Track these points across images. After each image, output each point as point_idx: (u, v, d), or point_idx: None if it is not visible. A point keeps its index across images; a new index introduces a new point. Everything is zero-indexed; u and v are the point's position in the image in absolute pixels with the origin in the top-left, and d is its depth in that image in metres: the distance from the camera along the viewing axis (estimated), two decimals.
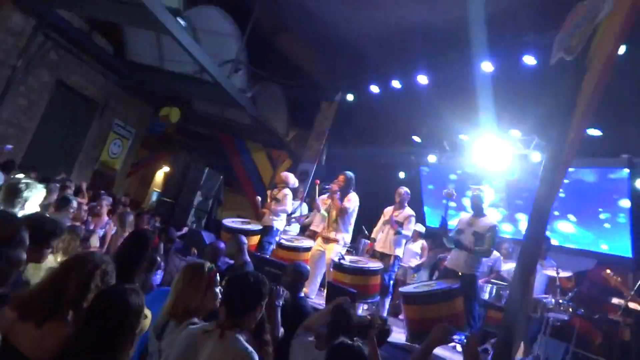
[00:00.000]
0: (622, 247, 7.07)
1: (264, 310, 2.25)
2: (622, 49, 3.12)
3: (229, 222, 6.92)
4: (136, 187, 15.42)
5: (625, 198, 6.89)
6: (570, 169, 7.53)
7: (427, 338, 2.49)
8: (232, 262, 4.96)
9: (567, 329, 6.00)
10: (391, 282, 5.94)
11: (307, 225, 7.48)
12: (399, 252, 6.00)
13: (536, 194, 2.88)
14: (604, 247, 7.40)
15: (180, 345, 2.06)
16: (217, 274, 2.44)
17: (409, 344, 4.71)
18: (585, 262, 7.26)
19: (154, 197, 15.68)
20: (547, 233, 7.11)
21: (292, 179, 7.31)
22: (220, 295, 2.35)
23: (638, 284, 5.50)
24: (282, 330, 3.06)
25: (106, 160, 11.37)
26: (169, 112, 10.58)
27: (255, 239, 6.59)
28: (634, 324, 6.00)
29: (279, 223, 6.79)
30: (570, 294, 5.98)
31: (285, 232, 7.42)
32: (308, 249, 6.51)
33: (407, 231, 5.99)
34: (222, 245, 5.00)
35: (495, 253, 6.32)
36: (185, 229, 8.37)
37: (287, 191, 6.96)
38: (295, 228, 7.82)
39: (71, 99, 10.04)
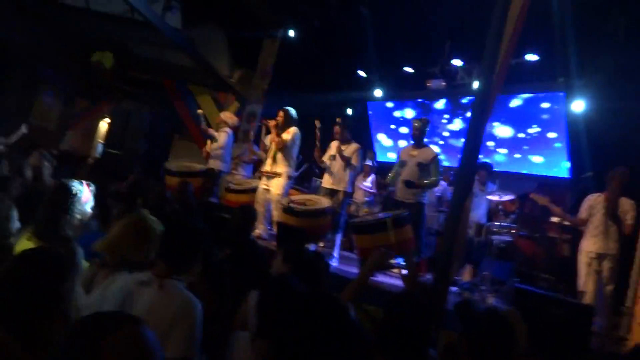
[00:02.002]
0: (560, 168, 7.40)
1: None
2: None
3: (172, 166, 6.77)
4: (80, 140, 14.73)
5: (556, 117, 7.14)
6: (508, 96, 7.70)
7: (366, 263, 2.51)
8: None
9: (511, 249, 6.34)
10: (343, 218, 6.00)
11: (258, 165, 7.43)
12: (348, 187, 6.03)
13: (470, 121, 2.90)
14: (541, 170, 7.72)
15: (115, 298, 1.96)
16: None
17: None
18: (527, 185, 7.57)
19: (99, 149, 15.09)
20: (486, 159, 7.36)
21: (231, 118, 7.16)
22: None
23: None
24: None
25: (39, 112, 10.70)
26: (101, 57, 9.93)
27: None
28: (571, 239, 6.41)
29: (222, 164, 6.73)
30: (512, 216, 6.28)
31: (233, 175, 7.36)
32: (255, 190, 6.47)
33: (356, 163, 6.00)
34: (167, 194, 4.89)
35: (442, 182, 6.49)
36: (130, 177, 8.11)
37: (226, 129, 6.85)
38: (247, 172, 7.77)
39: None
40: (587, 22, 5.74)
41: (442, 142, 8.79)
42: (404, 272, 2.91)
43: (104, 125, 16.03)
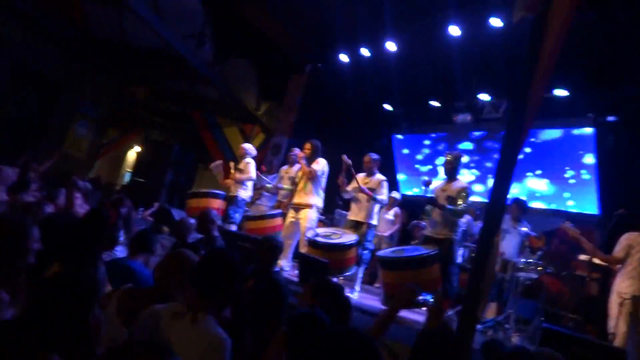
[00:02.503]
0: (589, 204, 7.24)
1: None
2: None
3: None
4: (107, 168, 15.12)
5: (589, 154, 7.02)
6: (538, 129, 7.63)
7: (393, 299, 2.48)
8: (200, 236, 4.93)
9: (537, 287, 6.17)
10: (364, 251, 5.93)
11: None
12: (373, 220, 5.99)
13: (500, 153, 2.88)
14: (569, 204, 7.57)
15: (144, 327, 1.97)
16: None
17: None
18: (554, 221, 7.40)
19: (127, 178, 15.44)
20: (516, 192, 7.24)
21: (251, 148, 7.30)
22: None
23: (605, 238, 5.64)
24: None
25: (72, 142, 11.07)
26: (134, 89, 10.29)
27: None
28: (601, 278, 6.20)
29: (244, 193, 6.83)
30: (539, 253, 6.13)
31: (257, 205, 7.44)
32: (275, 215, 6.50)
33: (382, 196, 5.95)
34: (192, 220, 4.96)
35: (467, 216, 6.41)
36: (155, 205, 8.30)
37: (248, 160, 6.97)
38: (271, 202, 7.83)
39: (29, 80, 9.68)
40: (619, 59, 5.71)
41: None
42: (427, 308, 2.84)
43: (132, 154, 16.48)
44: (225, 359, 1.92)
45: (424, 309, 4.79)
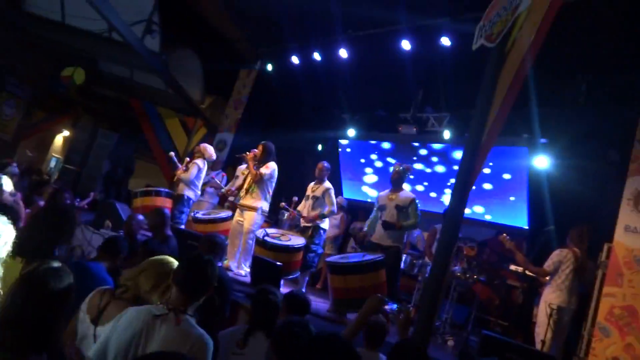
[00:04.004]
0: (519, 219, 7.79)
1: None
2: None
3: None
4: (32, 151, 14.16)
5: (523, 172, 7.55)
6: None
7: (363, 307, 2.61)
8: (149, 235, 4.80)
9: (470, 294, 6.55)
10: (312, 254, 6.03)
11: (226, 196, 7.39)
12: (322, 223, 6.08)
13: (457, 175, 3.07)
14: (502, 217, 8.09)
15: (126, 328, 1.95)
16: None
17: (330, 313, 4.88)
18: (486, 232, 7.89)
19: (53, 164, 14.53)
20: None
21: (210, 152, 7.15)
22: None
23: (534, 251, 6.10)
24: None
25: None
26: (72, 72, 9.72)
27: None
28: (527, 287, 6.69)
29: (191, 192, 6.72)
30: (473, 262, 6.52)
31: (200, 201, 7.32)
32: (226, 219, 6.46)
33: (331, 205, 6.07)
34: (142, 217, 4.80)
35: None
36: (91, 195, 7.92)
37: (198, 161, 6.86)
38: (214, 199, 7.73)
39: None
40: (551, 84, 6.19)
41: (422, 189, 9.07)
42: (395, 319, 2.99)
43: (59, 139, 15.52)
44: (209, 358, 1.98)
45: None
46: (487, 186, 8.16)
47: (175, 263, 2.37)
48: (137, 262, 2.60)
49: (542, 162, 6.95)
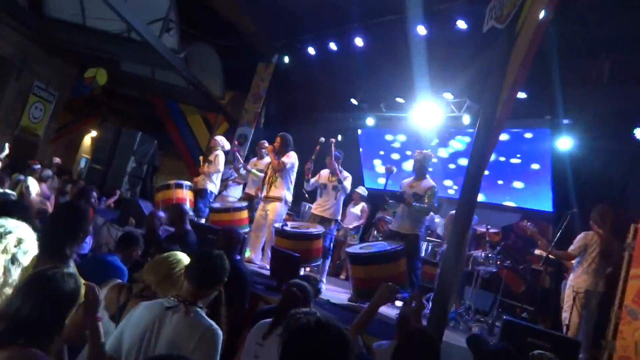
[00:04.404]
0: (544, 201, 7.62)
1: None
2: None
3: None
4: (62, 153, 14.59)
5: (545, 154, 7.38)
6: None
7: (374, 297, 2.62)
8: (172, 229, 4.90)
9: (495, 280, 6.46)
10: (331, 244, 6.07)
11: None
12: (338, 216, 6.12)
13: (470, 155, 3.03)
14: (526, 201, 7.93)
15: (139, 321, 2.03)
16: None
17: (352, 303, 4.89)
18: (511, 217, 7.75)
19: (82, 164, 14.93)
20: None
21: (225, 142, 7.28)
22: None
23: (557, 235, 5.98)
24: None
25: (27, 126, 10.60)
26: (95, 73, 9.94)
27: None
28: (554, 272, 6.56)
29: (212, 186, 6.83)
30: (498, 248, 6.43)
31: (223, 196, 7.43)
32: (240, 209, 6.54)
33: (345, 192, 6.08)
34: (162, 213, 4.91)
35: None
36: (117, 193, 8.13)
37: (218, 152, 6.96)
38: (237, 192, 7.82)
39: None
40: (574, 65, 6.01)
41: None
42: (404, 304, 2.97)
43: (87, 140, 15.94)
44: (217, 348, 2.02)
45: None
46: (510, 170, 8.01)
47: (183, 258, 2.44)
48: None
49: (565, 143, 6.77)
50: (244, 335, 2.68)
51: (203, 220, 6.64)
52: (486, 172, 3.35)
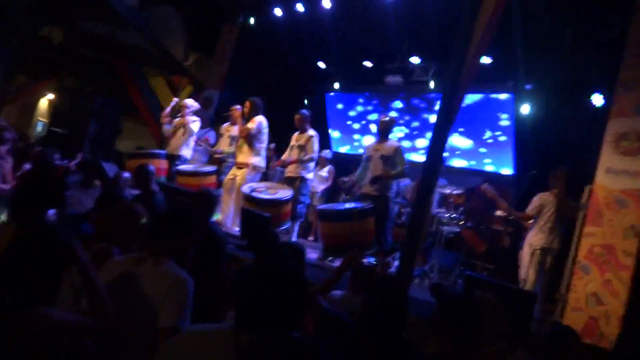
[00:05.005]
0: (505, 164, 7.87)
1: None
2: None
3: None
4: (16, 117, 13.95)
5: (507, 118, 7.57)
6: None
7: (340, 263, 2.73)
8: (138, 192, 4.83)
9: (458, 240, 6.72)
10: (302, 206, 6.13)
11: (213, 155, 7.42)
12: (308, 174, 6.16)
13: (437, 118, 3.09)
14: (487, 162, 8.17)
15: (108, 275, 2.02)
16: None
17: (321, 261, 5.02)
18: (473, 180, 7.97)
19: (39, 128, 14.36)
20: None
21: (192, 103, 7.16)
22: None
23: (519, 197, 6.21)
24: None
25: None
26: (49, 32, 9.45)
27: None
28: (513, 232, 6.86)
29: (188, 151, 6.74)
30: (461, 209, 6.65)
31: (191, 161, 7.34)
32: (210, 173, 6.49)
33: (311, 152, 6.13)
34: (128, 175, 4.83)
35: None
36: (78, 156, 7.90)
37: (193, 117, 6.85)
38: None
39: None
40: (538, 32, 6.12)
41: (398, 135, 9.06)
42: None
43: (44, 102, 15.26)
44: (188, 296, 2.02)
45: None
46: (474, 134, 8.20)
47: (142, 212, 2.43)
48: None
49: (527, 108, 6.96)
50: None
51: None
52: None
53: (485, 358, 2.23)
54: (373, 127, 9.36)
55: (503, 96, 7.41)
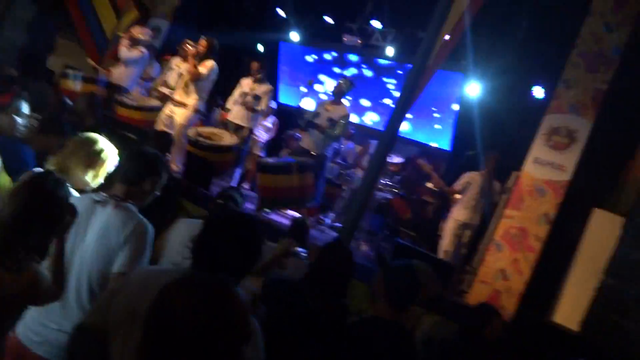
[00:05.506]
0: (443, 140, 8.24)
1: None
2: None
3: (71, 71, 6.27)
4: None
5: (454, 97, 7.86)
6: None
7: (274, 251, 2.82)
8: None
9: (386, 206, 7.05)
10: (244, 154, 6.14)
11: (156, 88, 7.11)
12: (254, 125, 6.14)
13: (401, 94, 3.19)
14: (428, 137, 8.50)
15: None
16: None
17: (256, 213, 5.10)
18: (411, 150, 8.29)
19: None
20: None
21: (144, 34, 6.78)
22: None
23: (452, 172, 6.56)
24: None
25: None
26: None
27: None
28: (439, 204, 7.30)
29: (132, 83, 6.42)
30: (396, 177, 6.95)
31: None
32: (155, 109, 6.25)
33: (264, 106, 6.10)
34: (68, 101, 4.57)
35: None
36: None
37: (141, 49, 6.49)
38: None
39: None
40: (494, 19, 6.32)
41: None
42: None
43: None
44: (147, 243, 2.03)
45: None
46: (419, 107, 8.43)
47: (102, 141, 2.36)
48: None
49: (474, 89, 7.24)
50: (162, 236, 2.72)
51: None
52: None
53: (408, 321, 2.47)
54: (322, 85, 9.36)
55: (453, 74, 7.63)
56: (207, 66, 5.66)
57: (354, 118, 9.02)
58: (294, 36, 8.99)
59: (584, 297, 3.81)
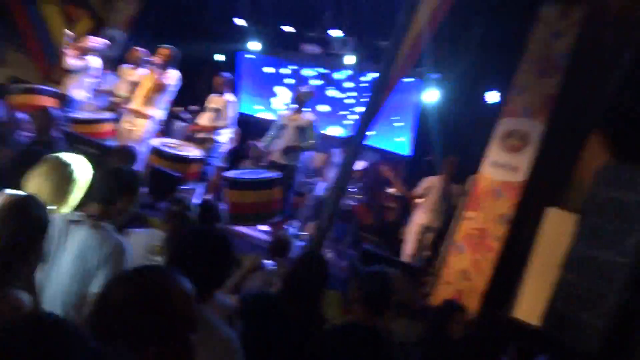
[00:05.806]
0: (402, 146, 8.43)
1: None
2: None
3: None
4: None
5: (413, 103, 8.04)
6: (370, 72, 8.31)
7: (241, 267, 2.85)
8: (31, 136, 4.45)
9: (348, 212, 7.14)
10: (210, 169, 6.09)
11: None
12: (218, 137, 6.11)
13: (367, 103, 3.27)
14: (387, 142, 8.65)
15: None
16: None
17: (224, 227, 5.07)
18: (371, 156, 8.42)
19: None
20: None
21: (98, 40, 6.65)
22: None
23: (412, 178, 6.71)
24: None
25: None
26: None
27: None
28: (400, 209, 7.47)
29: (79, 93, 6.26)
30: (359, 184, 7.07)
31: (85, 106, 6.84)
32: (108, 120, 6.12)
33: (225, 118, 6.06)
34: (23, 116, 4.41)
35: None
36: None
37: (97, 57, 6.35)
38: None
39: None
40: (450, 26, 6.52)
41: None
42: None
43: None
44: (124, 264, 2.01)
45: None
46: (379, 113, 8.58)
47: (76, 161, 2.30)
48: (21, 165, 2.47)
49: (431, 95, 7.44)
50: None
51: None
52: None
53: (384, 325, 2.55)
54: (281, 94, 9.36)
55: (411, 80, 7.82)
56: (173, 77, 5.63)
57: None
58: (254, 46, 8.98)
59: (543, 293, 3.98)
